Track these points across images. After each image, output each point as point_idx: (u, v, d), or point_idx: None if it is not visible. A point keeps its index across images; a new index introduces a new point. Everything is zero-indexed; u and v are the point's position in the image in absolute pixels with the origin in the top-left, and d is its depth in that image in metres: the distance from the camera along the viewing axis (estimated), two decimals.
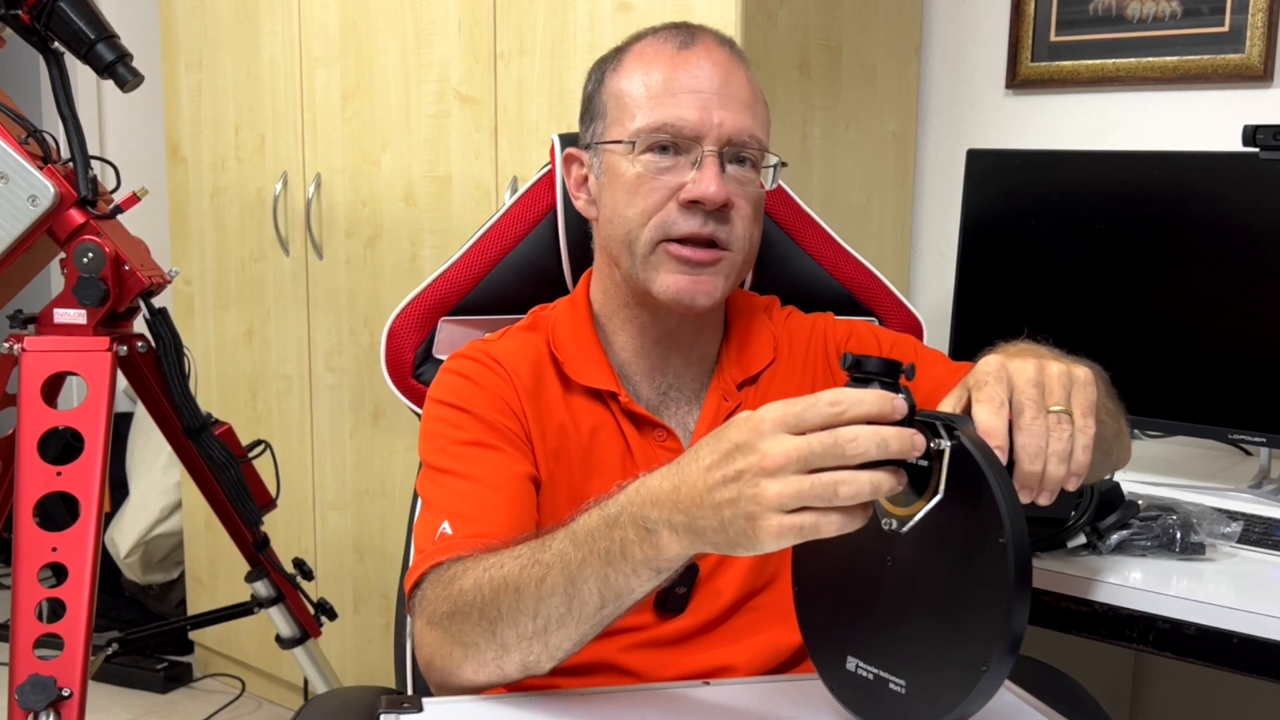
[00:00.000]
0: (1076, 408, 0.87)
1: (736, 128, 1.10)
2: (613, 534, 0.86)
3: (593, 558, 0.88)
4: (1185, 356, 1.65)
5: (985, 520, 0.80)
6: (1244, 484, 1.65)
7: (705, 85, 1.10)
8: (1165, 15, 1.95)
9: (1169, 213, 1.65)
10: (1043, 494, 0.86)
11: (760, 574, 1.15)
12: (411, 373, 1.36)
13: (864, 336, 1.26)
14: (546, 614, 0.91)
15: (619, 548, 0.86)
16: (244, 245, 2.58)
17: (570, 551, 0.89)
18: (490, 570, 0.95)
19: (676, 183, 1.10)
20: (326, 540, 2.52)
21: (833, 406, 0.77)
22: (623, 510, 0.86)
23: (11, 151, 1.62)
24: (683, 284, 1.10)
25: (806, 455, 0.76)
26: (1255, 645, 1.21)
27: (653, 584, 0.88)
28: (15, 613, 1.54)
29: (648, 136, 1.10)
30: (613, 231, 1.14)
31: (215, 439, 1.86)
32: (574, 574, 0.89)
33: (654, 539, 0.84)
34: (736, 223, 1.11)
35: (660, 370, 1.18)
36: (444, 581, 0.99)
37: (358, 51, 2.28)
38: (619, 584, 0.87)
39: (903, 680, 0.87)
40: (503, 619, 0.93)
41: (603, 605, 0.89)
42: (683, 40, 1.13)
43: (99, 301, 1.67)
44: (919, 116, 2.21)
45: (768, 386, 1.20)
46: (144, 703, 2.76)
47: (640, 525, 0.85)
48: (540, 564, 0.91)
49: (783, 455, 0.76)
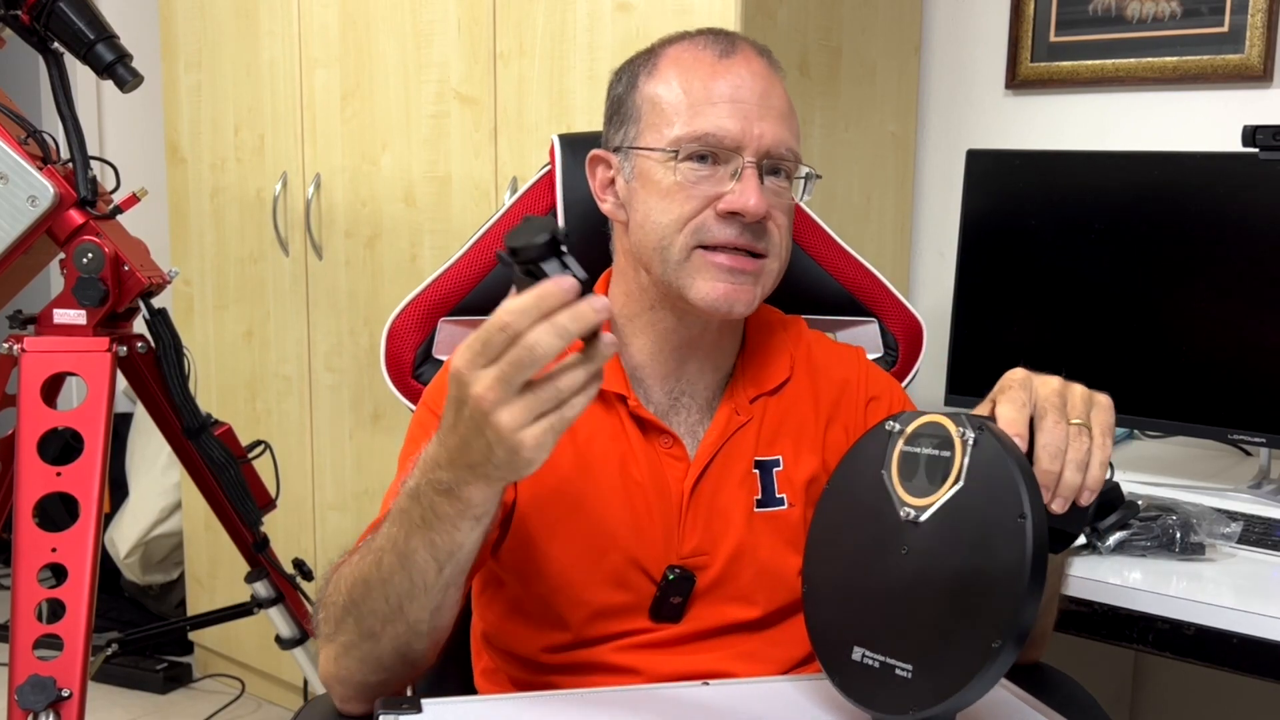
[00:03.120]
0: (1096, 425, 0.90)
1: (776, 139, 1.09)
2: (420, 503, 0.92)
3: (413, 529, 0.93)
4: (1185, 356, 1.65)
5: (1005, 503, 0.82)
6: (1244, 484, 1.65)
7: (746, 96, 1.09)
8: (1165, 15, 1.95)
9: (1169, 213, 1.65)
10: (1056, 499, 0.87)
11: (770, 598, 1.14)
12: (411, 373, 1.36)
13: (889, 390, 1.25)
14: (395, 593, 0.96)
15: (430, 511, 0.92)
16: (244, 245, 2.58)
17: (394, 531, 0.95)
18: (341, 572, 1.01)
19: (714, 192, 1.09)
20: (326, 540, 2.52)
21: (504, 331, 0.82)
22: (419, 482, 0.92)
23: (11, 152, 1.62)
24: (721, 291, 1.09)
25: (508, 378, 0.82)
26: (1255, 645, 1.21)
27: (478, 530, 0.94)
28: (15, 613, 1.54)
29: (688, 146, 1.09)
30: (645, 237, 1.13)
31: (215, 439, 1.86)
32: (403, 549, 0.94)
33: (453, 494, 0.90)
34: (773, 233, 1.11)
35: (675, 376, 1.18)
36: (325, 588, 1.04)
37: (357, 51, 2.28)
38: (446, 542, 0.93)
39: (910, 665, 0.87)
40: (361, 610, 0.98)
41: (440, 568, 0.94)
42: (724, 49, 1.12)
43: (99, 302, 1.67)
44: (919, 116, 2.21)
45: (779, 405, 1.19)
46: (144, 703, 2.76)
47: (437, 488, 0.90)
48: (374, 550, 0.97)
49: (488, 390, 0.83)
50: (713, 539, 1.13)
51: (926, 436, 0.92)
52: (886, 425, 0.96)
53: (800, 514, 1.15)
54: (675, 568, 1.11)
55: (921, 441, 0.92)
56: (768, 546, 1.13)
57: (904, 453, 0.93)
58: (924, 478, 0.90)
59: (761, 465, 1.16)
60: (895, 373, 1.39)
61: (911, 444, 0.93)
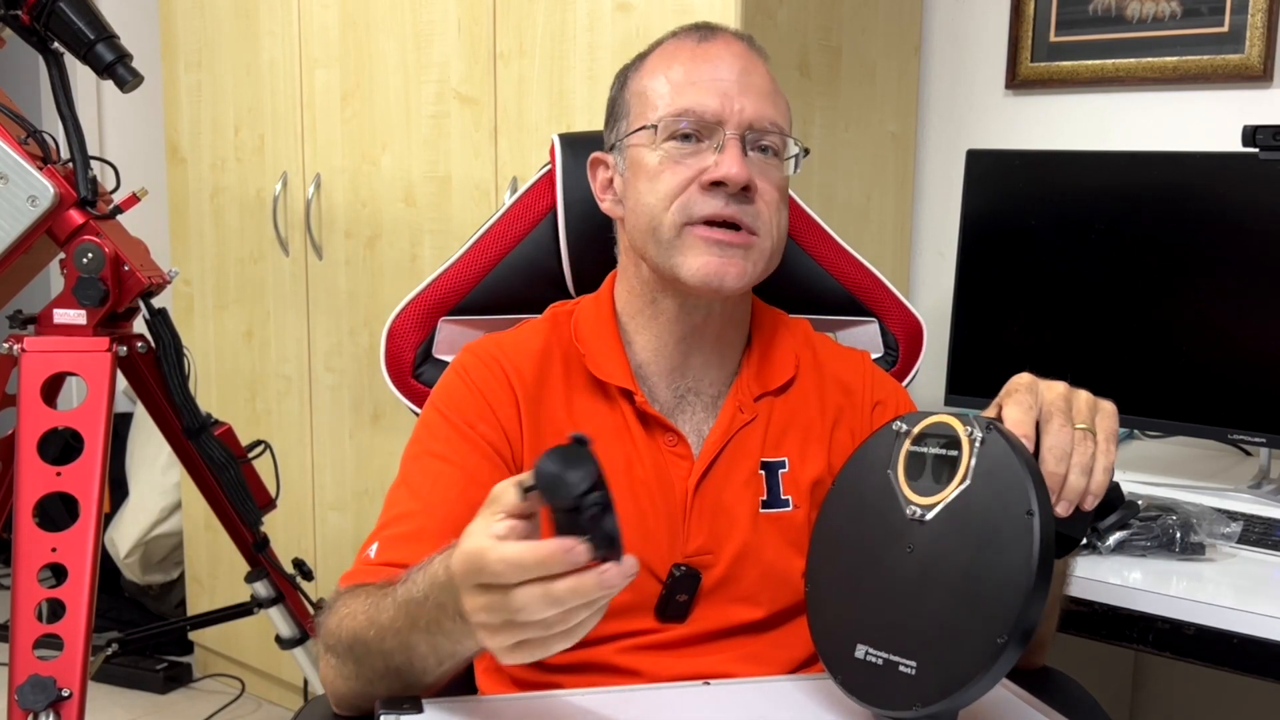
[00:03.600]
0: (1101, 431, 0.90)
1: (757, 113, 1.11)
2: (425, 609, 0.91)
3: (417, 629, 0.92)
4: (1185, 356, 1.65)
5: (1012, 501, 0.83)
6: (1244, 484, 1.65)
7: (725, 74, 1.12)
8: (1165, 15, 1.95)
9: (1169, 213, 1.65)
10: (1061, 502, 0.87)
11: (775, 599, 1.14)
12: (411, 373, 1.36)
13: (892, 398, 1.25)
14: (394, 666, 0.96)
15: (435, 622, 0.90)
16: (244, 245, 2.58)
17: (400, 621, 0.94)
18: (346, 621, 1.00)
19: (699, 167, 1.10)
20: (326, 540, 2.52)
21: (497, 577, 0.78)
22: (426, 592, 0.91)
23: (11, 152, 1.62)
24: (712, 265, 1.10)
25: (495, 611, 0.80)
26: (1255, 645, 1.21)
27: (477, 644, 0.90)
28: (15, 613, 1.54)
29: (670, 122, 1.11)
30: (637, 222, 1.14)
31: (215, 439, 1.86)
32: (405, 640, 0.94)
33: (460, 616, 0.86)
34: (761, 207, 1.12)
35: (680, 371, 1.18)
36: (330, 611, 1.04)
37: (357, 52, 2.28)
38: (446, 648, 0.92)
39: (913, 661, 0.87)
40: (360, 662, 0.99)
41: (440, 663, 0.94)
42: (702, 35, 1.15)
43: (99, 302, 1.67)
44: (919, 116, 2.21)
45: (785, 406, 1.19)
46: (144, 703, 2.76)
47: (442, 608, 0.89)
48: (378, 626, 0.96)
49: (474, 610, 0.81)
50: (718, 539, 1.13)
51: (934, 437, 0.92)
52: (893, 426, 0.97)
53: (805, 516, 1.15)
54: (680, 565, 1.11)
55: (928, 442, 0.92)
56: (773, 548, 1.13)
57: (911, 453, 0.94)
58: (930, 477, 0.91)
59: (767, 466, 1.16)
60: (895, 373, 1.39)
61: (918, 444, 0.93)
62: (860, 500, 0.98)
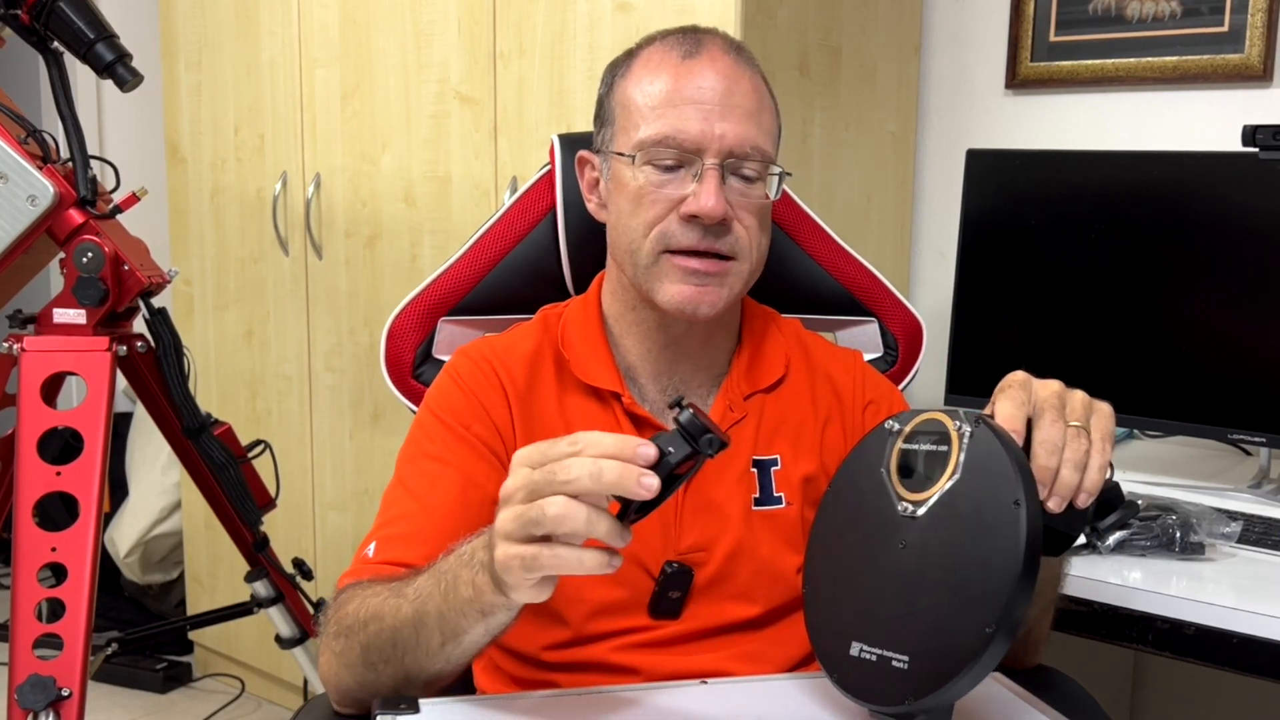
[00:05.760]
0: (1096, 430, 0.90)
1: (739, 139, 1.09)
2: (449, 563, 0.92)
3: (435, 592, 0.93)
4: (1185, 356, 1.65)
5: (1000, 491, 0.84)
6: (1244, 484, 1.65)
7: (708, 96, 1.09)
8: (1165, 15, 1.95)
9: (1169, 213, 1.65)
10: (1053, 497, 0.87)
11: (770, 596, 1.14)
12: (411, 373, 1.36)
13: (887, 397, 1.25)
14: (402, 643, 0.96)
15: (452, 583, 0.91)
16: (244, 245, 2.58)
17: (424, 584, 0.95)
18: (369, 599, 1.00)
19: (678, 195, 1.10)
20: (326, 540, 2.52)
21: (572, 445, 0.81)
22: (459, 551, 0.92)
23: (11, 151, 1.62)
24: (687, 294, 1.10)
25: (527, 485, 0.82)
26: (1255, 645, 1.21)
27: (481, 629, 0.92)
28: (15, 613, 1.54)
29: (649, 151, 1.10)
30: (618, 239, 1.15)
31: (215, 439, 1.87)
32: (421, 606, 0.94)
33: (477, 577, 0.89)
34: (740, 234, 1.11)
35: (668, 374, 1.18)
36: (338, 604, 1.04)
37: (357, 51, 2.28)
38: (452, 622, 0.92)
39: (906, 656, 0.88)
40: (370, 644, 0.98)
41: (444, 643, 0.94)
42: (688, 49, 1.12)
43: (98, 301, 1.67)
44: (919, 116, 2.21)
45: (777, 405, 1.19)
46: (144, 703, 2.76)
47: (471, 562, 0.90)
48: (402, 596, 0.96)
49: (511, 486, 0.83)
50: (710, 536, 1.13)
51: (925, 434, 0.93)
52: (886, 425, 0.97)
53: (798, 513, 1.15)
54: (673, 563, 1.11)
55: (920, 439, 0.93)
56: (767, 544, 1.14)
57: (903, 450, 0.94)
58: (922, 473, 0.91)
59: (759, 465, 1.16)
60: (895, 372, 1.39)
61: (910, 442, 0.94)
62: (855, 501, 0.98)
